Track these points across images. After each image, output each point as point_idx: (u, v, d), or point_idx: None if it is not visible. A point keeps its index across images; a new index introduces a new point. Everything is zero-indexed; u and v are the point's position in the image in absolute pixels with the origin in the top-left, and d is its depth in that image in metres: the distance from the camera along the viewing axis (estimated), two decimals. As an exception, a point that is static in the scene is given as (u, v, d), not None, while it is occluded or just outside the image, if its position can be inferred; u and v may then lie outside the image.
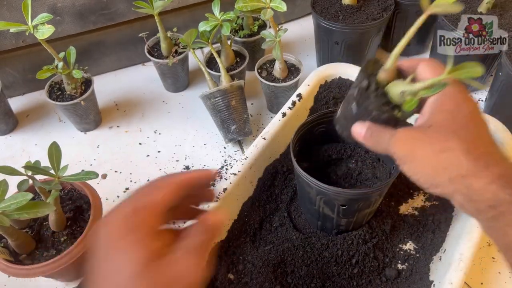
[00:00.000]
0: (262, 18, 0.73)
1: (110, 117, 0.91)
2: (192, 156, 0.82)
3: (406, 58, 0.99)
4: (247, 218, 0.66)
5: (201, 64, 0.79)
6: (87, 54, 0.95)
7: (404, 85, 0.42)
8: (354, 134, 0.45)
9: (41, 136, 0.88)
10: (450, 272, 0.53)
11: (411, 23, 0.42)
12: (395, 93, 0.42)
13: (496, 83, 0.77)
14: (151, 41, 0.89)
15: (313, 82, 0.75)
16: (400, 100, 0.42)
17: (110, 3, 0.88)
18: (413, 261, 0.62)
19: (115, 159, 0.83)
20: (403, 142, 0.40)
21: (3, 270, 0.57)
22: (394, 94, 0.43)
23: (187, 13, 0.98)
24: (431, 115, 0.41)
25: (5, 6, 0.80)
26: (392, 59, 0.43)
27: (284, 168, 0.71)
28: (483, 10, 0.80)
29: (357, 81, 0.45)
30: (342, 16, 0.83)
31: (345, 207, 0.57)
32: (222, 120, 0.79)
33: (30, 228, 0.62)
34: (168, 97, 0.95)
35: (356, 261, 0.60)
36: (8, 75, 0.91)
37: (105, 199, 0.76)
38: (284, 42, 1.03)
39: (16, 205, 0.48)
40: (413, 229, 0.65)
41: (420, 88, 0.40)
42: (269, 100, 0.87)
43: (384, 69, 0.44)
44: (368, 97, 0.43)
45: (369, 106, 0.43)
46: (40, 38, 0.68)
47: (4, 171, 0.51)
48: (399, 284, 0.60)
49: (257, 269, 0.60)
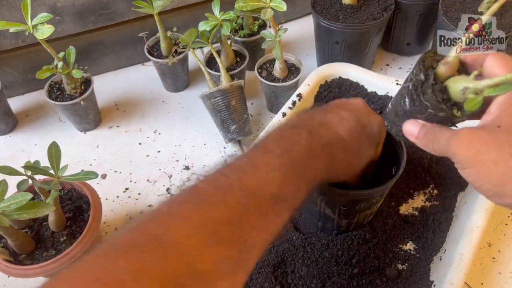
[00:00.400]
0: (262, 18, 0.73)
1: (110, 117, 0.91)
2: (192, 156, 0.82)
3: (406, 58, 1.00)
4: (247, 218, 0.66)
5: (201, 64, 0.79)
6: (86, 54, 0.95)
7: (467, 81, 0.37)
8: (406, 133, 0.42)
9: (40, 136, 0.88)
10: (450, 272, 0.53)
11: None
12: (456, 89, 0.38)
13: (496, 83, 0.76)
14: (151, 41, 0.89)
15: (313, 82, 0.75)
16: (461, 98, 0.37)
17: (110, 3, 0.88)
18: (413, 261, 0.62)
19: (115, 159, 0.83)
20: (467, 144, 0.36)
21: (3, 270, 0.57)
22: (455, 90, 0.38)
23: (187, 13, 0.98)
24: (500, 114, 0.36)
25: (4, 6, 0.80)
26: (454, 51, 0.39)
27: (284, 168, 0.71)
28: (483, 10, 0.79)
29: (413, 74, 0.40)
30: (342, 16, 0.83)
31: (346, 208, 0.57)
32: (222, 120, 0.79)
33: (30, 228, 0.62)
34: (168, 97, 0.95)
35: (356, 261, 0.60)
36: (8, 75, 0.91)
37: (105, 199, 0.76)
38: (284, 42, 1.03)
39: (16, 205, 0.48)
40: (413, 229, 0.65)
41: (486, 86, 0.35)
42: (269, 100, 0.87)
43: (445, 62, 0.39)
44: (425, 93, 0.39)
45: (425, 102, 0.39)
46: (40, 38, 0.68)
47: (4, 171, 0.51)
48: (399, 284, 0.60)
49: (257, 269, 0.60)
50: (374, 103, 0.74)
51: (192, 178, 0.78)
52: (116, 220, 0.73)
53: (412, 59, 0.98)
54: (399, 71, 0.96)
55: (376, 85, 0.74)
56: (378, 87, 0.74)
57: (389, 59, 0.99)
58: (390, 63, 0.98)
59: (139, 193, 0.77)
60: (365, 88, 0.75)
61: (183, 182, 0.78)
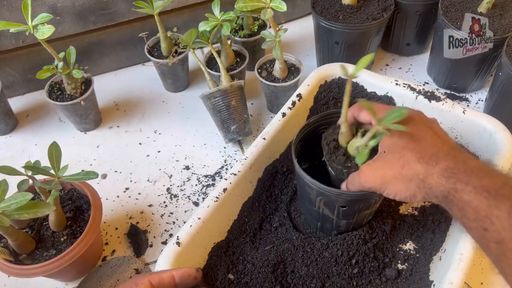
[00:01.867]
0: (262, 18, 0.73)
1: (110, 117, 0.91)
2: (192, 156, 0.82)
3: (406, 58, 1.00)
4: (247, 218, 0.66)
5: (201, 64, 0.79)
6: (87, 54, 0.95)
7: (357, 141, 0.50)
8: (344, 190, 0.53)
9: (41, 136, 0.88)
10: (450, 272, 0.53)
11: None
12: (353, 149, 0.51)
13: (496, 83, 0.77)
14: (151, 41, 0.89)
15: (313, 82, 0.75)
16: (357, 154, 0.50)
17: (110, 3, 0.88)
18: (413, 261, 0.62)
19: (115, 159, 0.83)
20: (372, 176, 0.47)
21: (3, 270, 0.57)
22: (352, 150, 0.51)
23: (187, 13, 0.98)
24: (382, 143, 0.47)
25: (5, 6, 0.80)
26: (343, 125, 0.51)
27: (284, 168, 0.71)
28: (483, 10, 0.80)
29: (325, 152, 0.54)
30: (342, 16, 0.83)
31: (345, 209, 0.57)
32: (222, 120, 0.79)
33: (30, 228, 0.62)
34: (168, 97, 0.95)
35: (356, 261, 0.60)
36: (8, 75, 0.91)
37: (105, 199, 0.76)
38: (284, 42, 1.03)
39: (16, 205, 0.48)
40: (413, 229, 0.65)
41: (367, 140, 0.48)
42: (269, 100, 0.88)
43: (340, 133, 0.52)
44: (334, 160, 0.53)
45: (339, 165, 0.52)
46: (40, 38, 0.68)
47: (4, 171, 0.51)
48: (399, 284, 0.60)
49: (257, 269, 0.60)
50: (374, 103, 0.75)
51: (192, 178, 0.78)
52: (116, 220, 0.73)
53: (412, 59, 0.98)
54: (399, 71, 0.96)
55: (375, 85, 0.74)
56: (377, 87, 0.74)
57: (389, 59, 0.99)
58: (390, 63, 0.98)
59: (139, 193, 0.77)
60: (365, 88, 0.75)
61: (183, 182, 0.78)
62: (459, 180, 0.41)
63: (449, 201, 0.42)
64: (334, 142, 0.54)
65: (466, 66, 0.83)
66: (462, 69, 0.84)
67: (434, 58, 0.90)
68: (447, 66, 0.86)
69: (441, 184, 0.42)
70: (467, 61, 0.81)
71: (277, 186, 0.70)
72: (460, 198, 0.41)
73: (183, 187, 0.77)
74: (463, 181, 0.41)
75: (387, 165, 0.45)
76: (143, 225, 0.72)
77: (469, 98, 0.89)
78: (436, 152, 0.44)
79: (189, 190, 0.77)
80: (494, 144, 0.64)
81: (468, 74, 0.85)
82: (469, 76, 0.85)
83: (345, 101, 0.48)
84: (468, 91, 0.90)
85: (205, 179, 0.78)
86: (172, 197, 0.76)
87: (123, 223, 0.73)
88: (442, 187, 0.42)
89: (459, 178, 0.41)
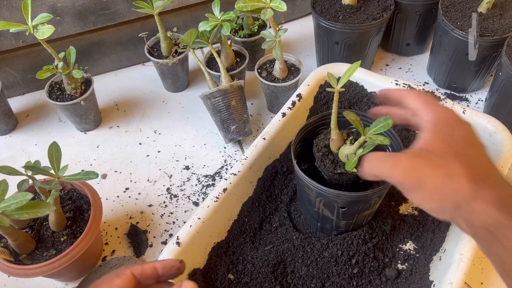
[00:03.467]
0: (262, 18, 0.73)
1: (110, 117, 0.91)
2: (192, 156, 0.82)
3: (406, 58, 1.00)
4: (247, 218, 0.66)
5: (201, 64, 0.79)
6: (87, 54, 0.95)
7: (347, 148, 0.51)
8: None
9: (41, 136, 0.88)
10: (450, 272, 0.53)
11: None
12: (342, 156, 0.52)
13: (496, 83, 0.77)
14: (151, 41, 0.89)
15: (313, 82, 0.75)
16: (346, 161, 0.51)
17: (110, 3, 0.88)
18: (413, 261, 0.62)
19: (115, 159, 0.83)
20: (409, 172, 0.39)
21: (3, 270, 0.57)
22: (342, 157, 0.53)
23: (187, 13, 0.98)
24: (430, 140, 0.41)
25: (5, 6, 0.80)
26: (333, 131, 0.52)
27: (284, 168, 0.71)
28: (483, 10, 0.80)
29: (316, 159, 0.56)
30: (342, 16, 0.83)
31: (344, 209, 0.57)
32: (222, 120, 0.79)
33: (30, 228, 0.62)
34: (168, 97, 0.95)
35: (356, 261, 0.60)
36: (8, 75, 0.91)
37: (105, 199, 0.76)
38: (284, 42, 1.03)
39: (16, 205, 0.48)
40: (413, 229, 0.65)
41: (356, 149, 0.49)
42: (269, 100, 0.88)
43: (331, 139, 0.54)
44: (325, 167, 0.54)
45: (329, 171, 0.54)
46: (40, 38, 0.68)
47: (4, 171, 0.51)
48: (399, 284, 0.60)
49: (257, 269, 0.60)
50: (374, 103, 0.75)
51: (192, 178, 0.78)
52: (116, 220, 0.73)
53: (412, 60, 0.98)
54: (399, 71, 0.96)
55: (375, 85, 0.74)
56: (377, 87, 0.74)
57: (389, 59, 0.99)
58: (390, 63, 0.98)
59: (139, 193, 0.77)
60: (365, 88, 0.75)
61: (183, 182, 0.78)
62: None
63: (492, 236, 0.36)
64: (325, 148, 0.55)
65: (466, 66, 0.83)
66: (462, 69, 0.84)
67: (434, 58, 0.90)
68: (447, 66, 0.86)
69: (488, 215, 0.36)
70: (467, 61, 0.81)
71: (277, 186, 0.70)
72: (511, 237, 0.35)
73: (183, 187, 0.77)
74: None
75: (431, 168, 0.39)
76: (143, 225, 0.72)
77: (469, 98, 0.89)
78: (486, 174, 0.38)
79: (189, 190, 0.77)
80: (494, 144, 0.64)
81: (468, 74, 0.85)
82: (469, 76, 0.85)
83: (334, 109, 0.50)
84: (468, 91, 0.90)
85: (205, 179, 0.78)
86: (172, 197, 0.76)
87: (123, 223, 0.73)
88: (490, 218, 0.36)
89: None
